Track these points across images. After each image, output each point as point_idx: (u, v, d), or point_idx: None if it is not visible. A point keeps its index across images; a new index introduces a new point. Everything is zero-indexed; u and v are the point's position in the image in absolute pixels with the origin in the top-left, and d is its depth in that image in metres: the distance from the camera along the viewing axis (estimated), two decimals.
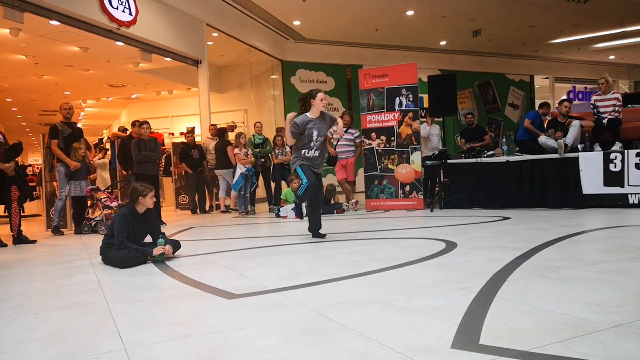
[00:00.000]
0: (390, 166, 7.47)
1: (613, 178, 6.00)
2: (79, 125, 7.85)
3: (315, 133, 4.51)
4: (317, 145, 4.56)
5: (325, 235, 4.69)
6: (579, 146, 6.60)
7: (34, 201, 9.80)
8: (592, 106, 6.98)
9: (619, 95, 6.86)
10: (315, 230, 4.70)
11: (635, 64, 17.52)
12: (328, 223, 6.13)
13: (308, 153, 4.54)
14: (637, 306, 2.04)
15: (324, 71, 12.99)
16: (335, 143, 7.77)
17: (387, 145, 7.48)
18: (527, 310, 2.05)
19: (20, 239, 5.47)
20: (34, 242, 5.53)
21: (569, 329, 1.79)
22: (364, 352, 1.68)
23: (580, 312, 1.98)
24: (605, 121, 6.69)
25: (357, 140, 7.82)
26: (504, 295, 2.31)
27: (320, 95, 4.52)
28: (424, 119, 8.38)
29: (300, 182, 4.49)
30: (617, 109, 6.70)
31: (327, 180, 10.91)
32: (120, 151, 8.17)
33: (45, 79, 11.61)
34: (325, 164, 9.03)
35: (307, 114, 4.56)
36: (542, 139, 6.79)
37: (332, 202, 7.59)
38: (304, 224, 5.23)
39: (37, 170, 13.01)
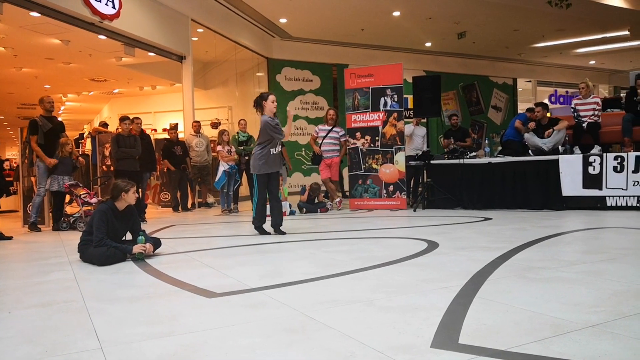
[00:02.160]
0: (374, 166, 7.49)
1: (592, 181, 6.12)
2: (60, 119, 7.67)
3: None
4: (279, 142, 4.92)
5: (270, 234, 4.94)
6: (560, 148, 6.73)
7: (11, 196, 9.57)
8: (572, 110, 7.12)
9: (598, 100, 7.00)
10: (275, 226, 4.96)
11: (616, 69, 17.89)
12: (312, 222, 6.13)
13: (275, 150, 4.87)
14: (612, 306, 2.07)
15: (310, 70, 12.96)
16: (320, 142, 7.77)
17: (372, 145, 7.50)
18: (506, 310, 2.07)
19: None
20: (9, 238, 5.40)
21: (546, 329, 1.82)
22: (344, 351, 1.68)
23: (557, 312, 2.01)
24: (585, 125, 6.82)
25: (342, 140, 7.82)
26: (484, 295, 2.33)
27: (271, 97, 4.87)
28: (410, 120, 8.42)
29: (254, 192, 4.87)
30: (596, 112, 6.83)
31: (312, 179, 10.91)
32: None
33: (25, 72, 11.34)
34: (310, 163, 9.05)
35: (266, 115, 4.84)
36: (528, 135, 6.95)
37: (317, 200, 7.59)
38: (288, 222, 5.23)
39: (15, 165, 12.73)
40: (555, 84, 17.57)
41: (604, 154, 6.13)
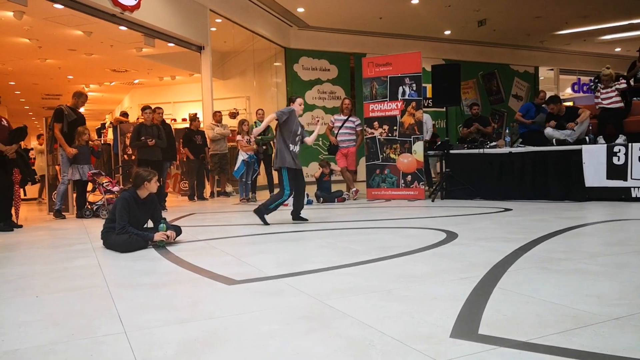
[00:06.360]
0: (392, 155, 7.44)
1: (616, 171, 5.97)
2: (82, 109, 7.82)
3: (299, 129, 5.01)
4: (300, 141, 5.03)
5: (307, 219, 5.12)
6: (587, 138, 6.58)
7: (36, 185, 9.79)
8: (592, 89, 7.06)
9: (624, 83, 6.83)
10: (296, 214, 5.15)
11: None
12: (329, 211, 6.15)
13: (294, 148, 4.96)
14: (636, 299, 2.04)
15: (327, 59, 12.89)
16: (336, 132, 7.75)
17: (390, 135, 7.45)
18: (526, 301, 2.05)
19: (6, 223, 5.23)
20: (20, 226, 5.37)
21: (568, 321, 1.80)
22: (363, 340, 1.69)
23: (580, 304, 1.98)
24: (609, 106, 6.69)
25: (358, 129, 7.79)
26: (504, 286, 2.31)
27: (299, 100, 5.12)
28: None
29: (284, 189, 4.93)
30: (617, 98, 6.65)
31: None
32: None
33: (49, 63, 11.56)
34: (327, 152, 9.04)
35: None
36: (549, 130, 6.81)
37: (331, 179, 7.60)
38: (305, 211, 5.26)
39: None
40: (579, 72, 17.14)
41: (630, 144, 5.97)
